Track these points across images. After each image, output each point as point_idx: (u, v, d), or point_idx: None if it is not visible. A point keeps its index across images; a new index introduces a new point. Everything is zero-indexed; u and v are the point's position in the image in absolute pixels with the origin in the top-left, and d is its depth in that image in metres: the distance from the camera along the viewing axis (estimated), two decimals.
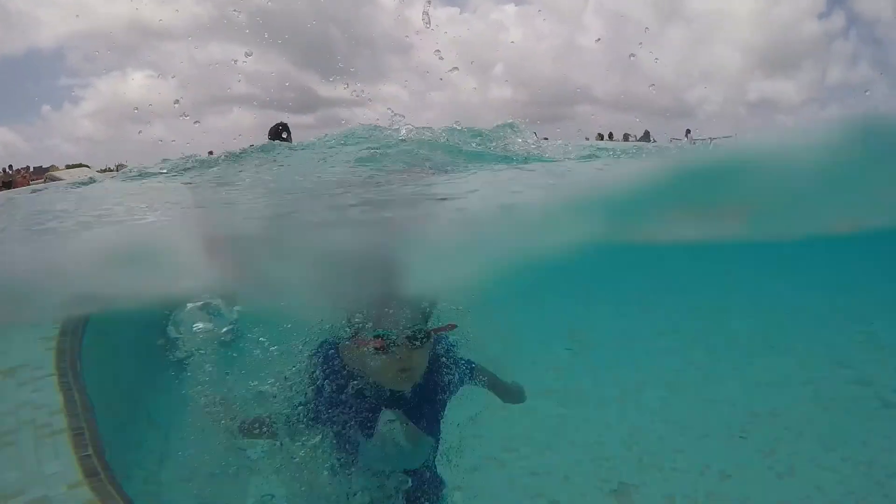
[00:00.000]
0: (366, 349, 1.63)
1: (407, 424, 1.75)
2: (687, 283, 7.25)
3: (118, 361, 3.66)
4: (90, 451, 1.91)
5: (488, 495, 3.25)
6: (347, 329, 1.69)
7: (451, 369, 1.88)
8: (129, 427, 3.64)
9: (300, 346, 1.80)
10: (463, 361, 1.97)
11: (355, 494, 1.80)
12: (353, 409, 1.72)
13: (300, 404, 1.73)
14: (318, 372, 1.72)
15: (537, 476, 3.50)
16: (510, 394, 2.26)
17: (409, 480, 1.88)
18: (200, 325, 1.77)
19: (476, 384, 2.05)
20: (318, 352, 1.76)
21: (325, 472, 1.75)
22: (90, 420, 2.11)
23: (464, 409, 2.40)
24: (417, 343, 1.64)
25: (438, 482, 2.04)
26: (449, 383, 1.85)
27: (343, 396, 1.71)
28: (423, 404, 1.79)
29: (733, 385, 4.63)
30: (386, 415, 1.73)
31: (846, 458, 3.63)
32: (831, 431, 3.93)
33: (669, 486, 3.38)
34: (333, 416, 1.71)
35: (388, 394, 1.72)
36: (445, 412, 1.93)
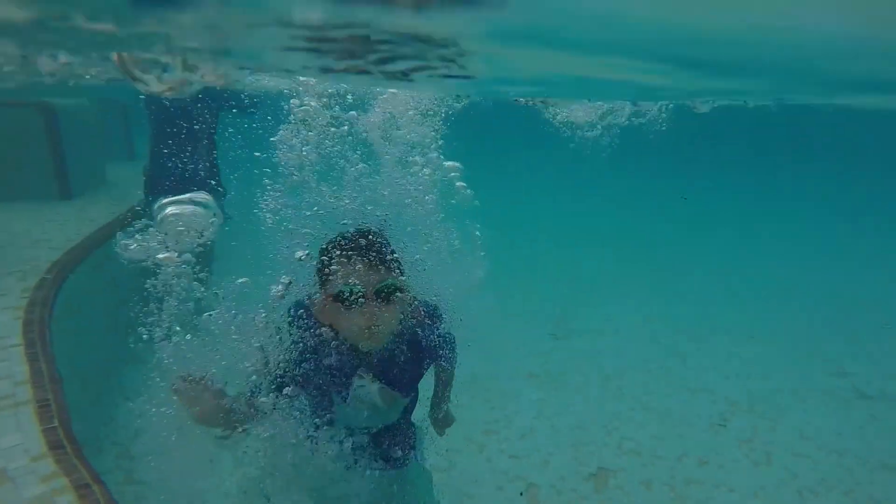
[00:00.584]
0: (331, 304, 1.58)
1: (382, 388, 1.72)
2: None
3: (92, 333, 3.56)
4: (55, 424, 1.83)
5: (467, 478, 3.25)
6: (317, 283, 1.63)
7: (430, 333, 1.82)
8: (103, 401, 3.57)
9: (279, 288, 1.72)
10: (445, 331, 1.90)
11: (330, 451, 1.76)
12: (327, 367, 1.67)
13: (276, 363, 1.66)
14: (292, 329, 1.67)
15: (516, 459, 3.50)
16: (445, 414, 2.14)
17: (382, 433, 1.86)
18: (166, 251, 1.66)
19: (440, 366, 1.96)
20: (293, 308, 1.70)
21: (300, 431, 1.70)
22: (57, 392, 2.03)
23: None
24: (385, 299, 1.57)
25: (412, 433, 2.01)
26: (428, 347, 1.80)
27: (316, 355, 1.66)
28: (401, 365, 1.75)
29: (713, 374, 4.68)
30: (361, 378, 1.69)
31: (821, 446, 3.69)
32: (807, 421, 4.00)
33: (648, 472, 3.41)
34: (307, 375, 1.66)
35: (361, 352, 1.67)
36: (424, 374, 1.88)
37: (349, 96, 1.97)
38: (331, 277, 1.58)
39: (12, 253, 3.53)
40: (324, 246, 1.63)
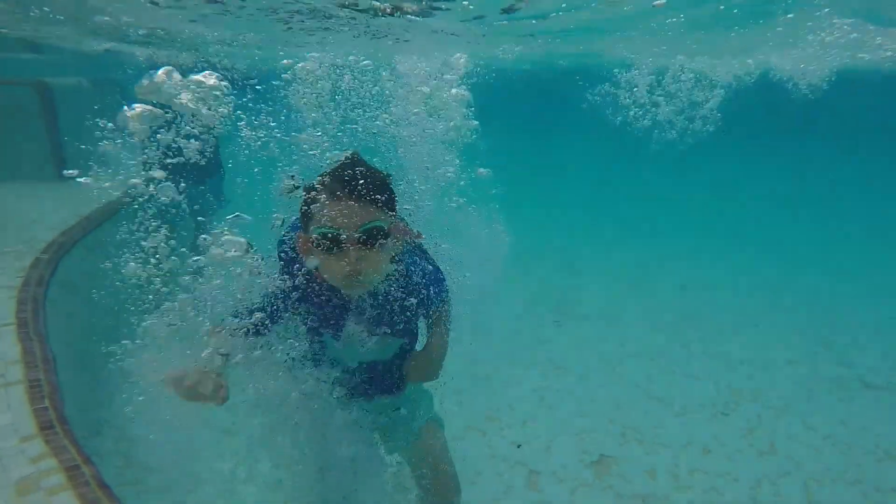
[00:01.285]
0: (312, 247, 1.44)
1: (373, 331, 1.64)
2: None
3: (90, 315, 3.52)
4: (46, 404, 1.79)
5: (469, 464, 3.21)
6: (302, 219, 1.48)
7: (421, 276, 1.68)
8: (101, 383, 3.53)
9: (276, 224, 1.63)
10: (435, 270, 1.76)
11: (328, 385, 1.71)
12: (316, 308, 1.58)
13: (267, 297, 1.58)
14: (282, 263, 1.58)
15: (518, 447, 3.46)
16: (429, 367, 1.84)
17: (378, 369, 1.79)
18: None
19: (435, 307, 1.77)
20: (281, 245, 1.60)
21: (295, 367, 1.63)
22: (49, 372, 1.98)
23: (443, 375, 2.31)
24: (370, 244, 1.41)
25: (401, 376, 1.90)
26: (419, 290, 1.66)
27: (305, 295, 1.56)
28: (392, 307, 1.63)
29: (716, 362, 4.63)
30: (352, 323, 1.61)
31: (826, 436, 3.65)
32: (812, 410, 3.95)
33: (651, 460, 3.37)
34: (298, 311, 1.58)
35: (348, 296, 1.55)
36: (421, 315, 1.75)
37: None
38: (312, 216, 1.42)
39: (8, 232, 3.48)
40: (312, 179, 1.47)
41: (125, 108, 1.66)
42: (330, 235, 1.39)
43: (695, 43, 5.39)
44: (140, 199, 1.67)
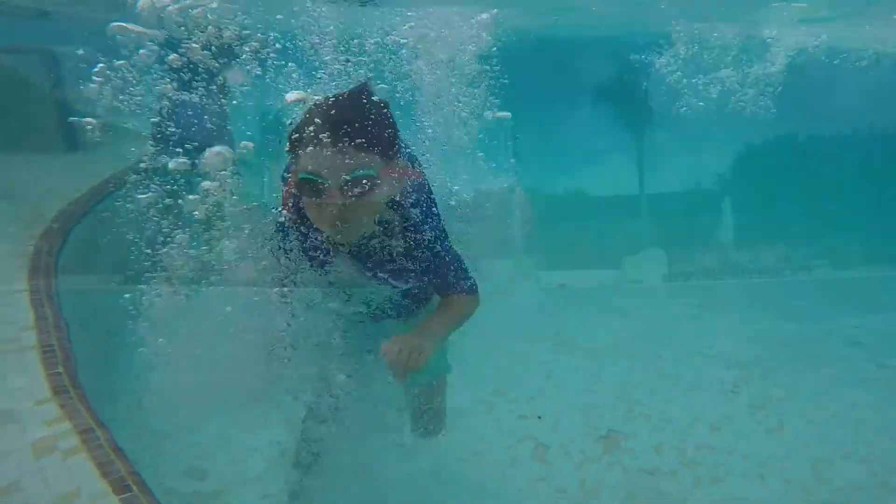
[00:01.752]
0: (296, 191, 1.37)
1: (362, 277, 1.59)
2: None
3: (103, 284, 3.55)
4: (60, 369, 1.81)
5: (476, 437, 3.24)
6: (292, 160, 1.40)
7: (416, 220, 1.56)
8: (116, 351, 3.58)
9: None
10: (433, 215, 1.61)
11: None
12: (308, 243, 1.54)
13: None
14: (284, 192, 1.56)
15: (526, 420, 3.49)
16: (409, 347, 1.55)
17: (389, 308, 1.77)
18: None
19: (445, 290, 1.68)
20: (287, 172, 1.54)
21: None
22: (62, 338, 2.00)
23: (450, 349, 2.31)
24: (357, 192, 1.28)
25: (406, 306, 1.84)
26: (418, 243, 1.55)
27: (294, 231, 1.53)
28: (385, 255, 1.55)
29: (726, 339, 4.60)
30: (340, 262, 1.57)
31: (836, 415, 3.63)
32: (822, 390, 3.92)
33: (658, 437, 3.37)
34: (291, 246, 1.56)
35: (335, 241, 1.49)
36: (426, 269, 1.61)
37: None
38: (299, 156, 1.32)
39: (19, 202, 3.50)
40: (306, 111, 1.34)
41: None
42: (312, 181, 1.30)
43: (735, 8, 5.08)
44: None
